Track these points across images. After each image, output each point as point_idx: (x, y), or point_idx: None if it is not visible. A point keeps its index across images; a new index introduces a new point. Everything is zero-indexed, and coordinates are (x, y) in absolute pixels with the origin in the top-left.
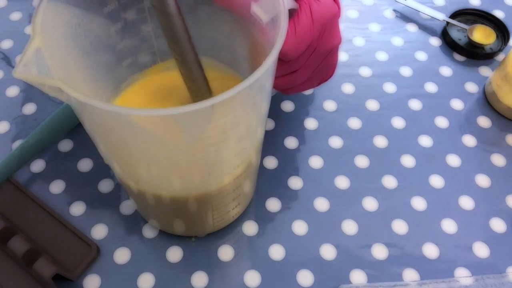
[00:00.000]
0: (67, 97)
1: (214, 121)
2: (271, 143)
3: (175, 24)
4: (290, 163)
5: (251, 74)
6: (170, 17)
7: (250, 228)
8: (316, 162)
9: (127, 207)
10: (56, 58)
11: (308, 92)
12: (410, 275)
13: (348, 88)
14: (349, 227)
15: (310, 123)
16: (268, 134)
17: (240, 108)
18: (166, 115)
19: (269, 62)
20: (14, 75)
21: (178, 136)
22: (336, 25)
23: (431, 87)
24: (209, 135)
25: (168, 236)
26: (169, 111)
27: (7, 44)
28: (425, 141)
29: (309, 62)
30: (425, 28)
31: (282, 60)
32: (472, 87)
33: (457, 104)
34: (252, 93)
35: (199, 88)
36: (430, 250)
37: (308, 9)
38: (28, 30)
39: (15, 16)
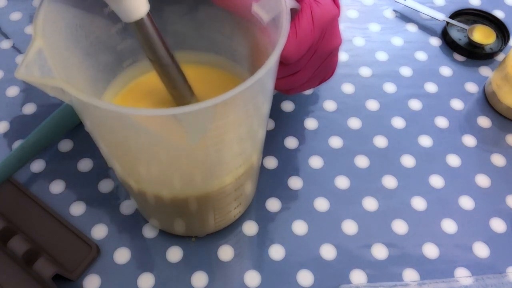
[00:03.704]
0: (69, 97)
1: (216, 121)
2: (271, 143)
3: (148, 32)
4: (290, 163)
5: (253, 74)
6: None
7: (250, 228)
8: (316, 162)
9: (127, 207)
10: (58, 59)
11: (308, 92)
12: (410, 275)
13: (348, 88)
14: (349, 227)
15: (310, 123)
16: (268, 134)
17: (242, 109)
18: (168, 115)
19: (271, 63)
20: (17, 76)
21: (179, 136)
22: (336, 26)
23: (431, 87)
24: (211, 135)
25: (168, 236)
26: (171, 111)
27: (7, 44)
28: (425, 141)
29: (310, 64)
30: (425, 28)
31: (283, 62)
32: (472, 87)
33: (457, 104)
34: (254, 93)
35: (181, 96)
36: (430, 250)
37: (309, 11)
38: (28, 30)
39: (15, 16)
